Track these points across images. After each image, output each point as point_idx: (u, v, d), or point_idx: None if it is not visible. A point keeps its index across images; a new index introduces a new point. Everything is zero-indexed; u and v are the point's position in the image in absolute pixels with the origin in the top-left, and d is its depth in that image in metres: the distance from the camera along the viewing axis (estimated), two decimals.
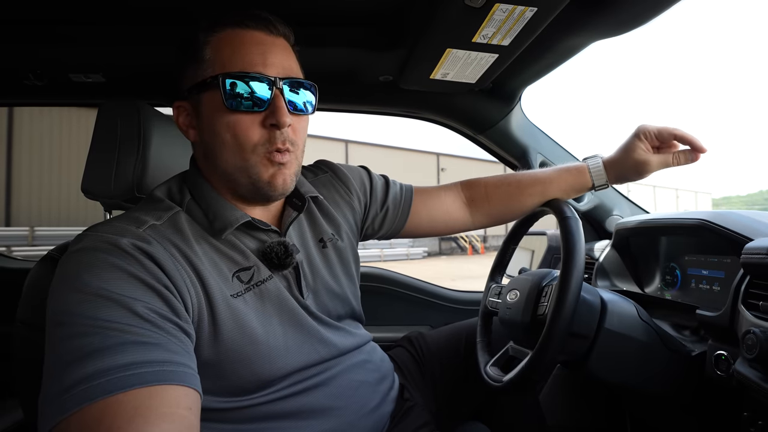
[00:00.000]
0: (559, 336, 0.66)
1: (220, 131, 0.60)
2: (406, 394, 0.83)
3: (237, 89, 0.58)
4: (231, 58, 0.60)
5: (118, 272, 0.49)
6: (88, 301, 0.46)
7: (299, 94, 0.63)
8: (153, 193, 0.64)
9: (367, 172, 0.89)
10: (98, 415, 0.40)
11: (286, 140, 0.61)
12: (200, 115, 0.62)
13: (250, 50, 0.60)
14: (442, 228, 0.94)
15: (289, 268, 0.65)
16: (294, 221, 0.70)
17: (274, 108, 0.60)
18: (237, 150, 0.60)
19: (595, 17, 0.79)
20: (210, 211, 0.62)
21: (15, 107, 8.57)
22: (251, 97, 0.59)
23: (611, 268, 1.07)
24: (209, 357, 0.56)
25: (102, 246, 0.51)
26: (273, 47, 0.62)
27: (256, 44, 0.61)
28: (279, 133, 0.60)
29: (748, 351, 0.60)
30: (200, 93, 0.61)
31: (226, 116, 0.59)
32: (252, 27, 0.61)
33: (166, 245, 0.55)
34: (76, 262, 0.50)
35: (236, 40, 0.61)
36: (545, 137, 1.27)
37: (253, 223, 0.64)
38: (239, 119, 0.59)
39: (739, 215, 0.78)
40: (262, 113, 0.60)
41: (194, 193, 0.64)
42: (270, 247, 0.63)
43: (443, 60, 0.90)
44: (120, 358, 0.43)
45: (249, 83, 0.58)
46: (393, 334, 1.32)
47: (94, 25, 0.88)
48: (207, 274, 0.57)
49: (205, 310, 0.56)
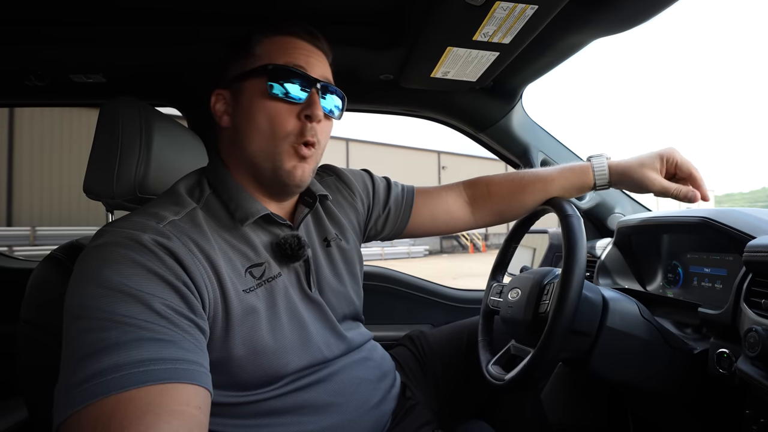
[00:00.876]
0: (561, 334, 0.66)
1: (257, 116, 0.64)
2: (408, 393, 0.83)
3: (281, 79, 0.64)
4: (279, 55, 0.66)
5: (138, 268, 0.49)
6: (108, 296, 0.47)
7: (331, 99, 0.70)
8: (173, 187, 0.65)
9: (370, 175, 0.92)
10: (111, 410, 0.40)
11: (315, 134, 0.65)
12: (239, 103, 0.66)
13: (297, 52, 0.67)
14: (444, 227, 0.95)
15: (300, 261, 0.67)
16: (304, 219, 0.72)
17: (310, 102, 0.65)
18: (269, 135, 0.64)
19: (596, 15, 0.79)
20: (232, 201, 0.64)
21: (16, 108, 8.58)
22: (292, 89, 0.64)
23: (613, 266, 1.07)
24: (220, 352, 0.56)
25: (123, 241, 0.51)
26: (315, 54, 0.69)
27: (302, 48, 0.67)
28: (311, 126, 0.65)
29: (750, 349, 0.61)
30: (244, 81, 0.65)
31: (267, 102, 0.64)
32: (300, 36, 0.68)
33: (185, 240, 0.56)
34: (96, 257, 0.50)
35: (285, 42, 0.67)
36: (546, 135, 1.27)
37: (271, 216, 0.66)
38: (278, 107, 0.64)
39: (741, 213, 0.78)
40: (300, 105, 0.65)
41: (216, 186, 0.66)
42: (284, 239, 0.66)
43: (444, 58, 0.90)
44: (135, 354, 0.44)
45: (292, 77, 0.64)
46: (395, 332, 1.32)
47: (94, 26, 0.88)
48: (222, 268, 0.58)
49: (220, 305, 0.57)
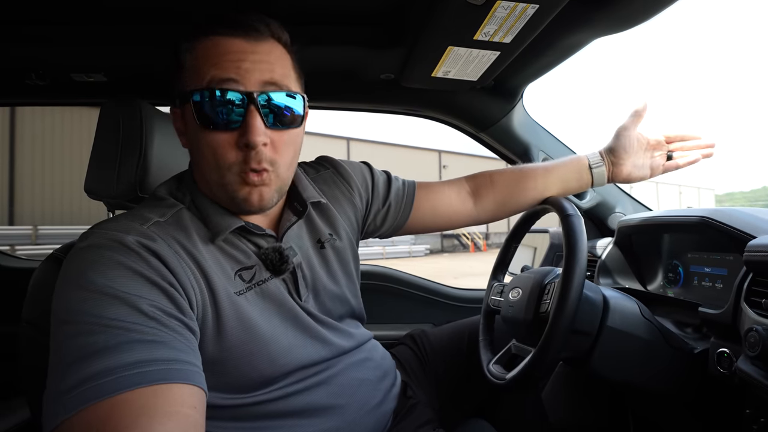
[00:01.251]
0: (562, 334, 0.66)
1: (200, 147, 0.58)
2: (409, 392, 0.83)
3: (207, 107, 0.55)
4: (207, 70, 0.55)
5: (123, 270, 0.49)
6: (93, 299, 0.46)
7: (282, 107, 0.58)
8: (156, 191, 0.64)
9: (369, 168, 0.88)
10: (105, 414, 0.40)
11: (262, 160, 0.57)
12: (186, 125, 0.60)
13: (226, 58, 0.55)
14: (446, 222, 0.93)
15: (286, 273, 0.65)
16: (293, 225, 0.69)
17: (246, 128, 0.55)
18: (215, 167, 0.58)
19: (597, 14, 0.79)
20: (205, 214, 0.61)
21: (17, 107, 8.60)
22: (223, 115, 0.55)
23: (614, 265, 1.07)
24: (213, 354, 0.56)
25: (107, 243, 0.51)
26: (253, 55, 0.56)
27: (232, 53, 0.56)
28: (254, 153, 0.56)
29: (750, 348, 0.61)
30: (183, 103, 0.59)
31: (202, 133, 0.57)
32: (229, 34, 0.56)
33: (170, 242, 0.55)
34: (81, 260, 0.50)
35: (212, 49, 0.56)
36: (547, 135, 1.27)
37: (247, 227, 0.62)
38: (214, 138, 0.56)
39: (741, 212, 0.78)
40: (236, 131, 0.56)
41: (192, 196, 0.63)
42: (265, 253, 0.63)
43: (444, 58, 0.90)
44: (126, 356, 0.43)
45: (220, 100, 0.54)
46: (396, 332, 1.32)
47: (96, 26, 0.88)
48: (211, 271, 0.57)
49: (210, 307, 0.56)
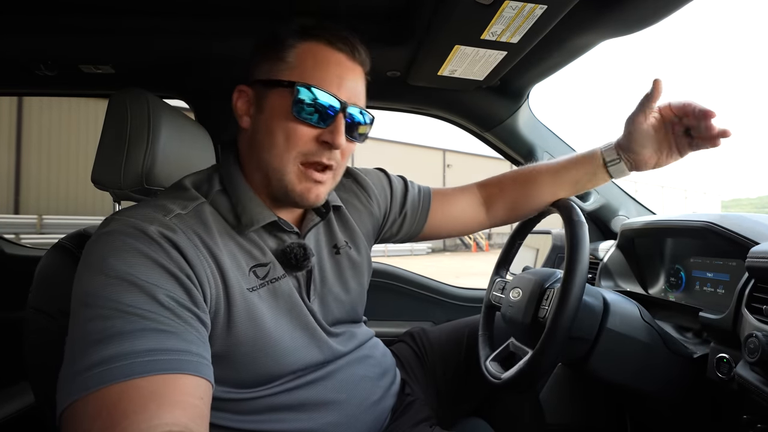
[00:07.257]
0: (558, 343, 0.66)
1: (276, 132, 0.61)
2: (408, 389, 0.84)
3: (307, 101, 0.60)
4: (311, 71, 0.61)
5: (144, 258, 0.50)
6: (113, 284, 0.47)
7: (358, 122, 0.66)
8: (181, 181, 0.65)
9: (387, 176, 0.89)
10: (115, 397, 0.41)
11: (332, 158, 0.63)
12: (261, 108, 0.63)
13: (331, 70, 0.62)
14: (459, 229, 0.94)
15: (303, 271, 0.67)
16: (315, 226, 0.71)
17: (334, 129, 0.61)
18: (282, 153, 0.61)
19: (605, 16, 0.79)
20: (239, 204, 0.63)
21: (25, 97, 8.64)
22: (317, 112, 0.61)
23: (615, 268, 1.07)
24: (220, 348, 0.57)
25: (129, 231, 0.52)
26: (351, 72, 0.64)
27: (337, 65, 0.63)
28: (329, 152, 0.62)
29: (750, 354, 0.61)
30: (270, 88, 0.62)
31: (288, 121, 0.61)
32: (339, 48, 0.63)
33: (189, 235, 0.56)
34: (103, 244, 0.51)
35: (320, 55, 0.62)
36: (553, 136, 1.27)
37: (278, 223, 0.65)
38: (298, 128, 0.61)
39: (745, 218, 0.78)
40: (321, 129, 0.62)
41: (226, 184, 0.65)
42: (290, 247, 0.65)
43: (451, 57, 0.90)
44: (139, 343, 0.44)
45: (320, 100, 0.60)
46: (395, 329, 1.33)
47: (104, 17, 0.88)
48: (227, 266, 0.58)
49: (222, 301, 0.57)
